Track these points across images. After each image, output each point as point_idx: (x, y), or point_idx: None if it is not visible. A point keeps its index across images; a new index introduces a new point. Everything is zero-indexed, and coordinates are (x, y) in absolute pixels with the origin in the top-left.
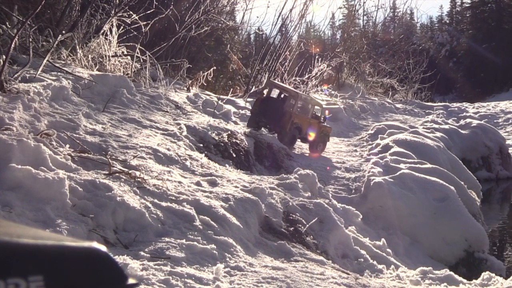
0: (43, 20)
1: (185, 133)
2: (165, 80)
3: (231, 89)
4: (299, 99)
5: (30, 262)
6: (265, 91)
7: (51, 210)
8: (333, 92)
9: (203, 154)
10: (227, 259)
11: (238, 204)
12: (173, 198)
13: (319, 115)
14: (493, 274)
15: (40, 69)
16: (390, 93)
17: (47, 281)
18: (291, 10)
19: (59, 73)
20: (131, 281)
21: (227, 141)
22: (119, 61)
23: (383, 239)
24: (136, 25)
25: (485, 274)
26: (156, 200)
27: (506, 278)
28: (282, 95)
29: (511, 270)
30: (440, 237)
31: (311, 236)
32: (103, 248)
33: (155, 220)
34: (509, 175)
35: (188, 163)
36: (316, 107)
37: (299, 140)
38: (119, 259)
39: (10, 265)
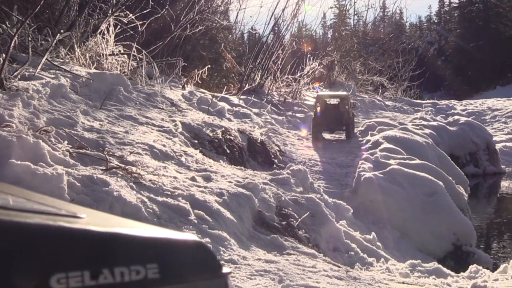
0: (42, 19)
1: (180, 129)
2: (161, 78)
3: (225, 87)
4: (347, 99)
5: (147, 252)
6: (318, 105)
7: None
8: (324, 90)
9: (198, 150)
10: (221, 252)
11: (232, 199)
12: (169, 193)
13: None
14: (480, 267)
15: (39, 67)
16: (380, 91)
17: (161, 268)
18: (283, 10)
19: (57, 71)
20: (225, 269)
21: (221, 137)
22: (116, 59)
23: (373, 233)
24: (132, 25)
25: (473, 267)
26: (152, 195)
27: (493, 271)
28: (331, 101)
29: (498, 263)
30: (428, 231)
31: (303, 230)
32: (201, 240)
33: (151, 215)
34: (496, 171)
35: (183, 159)
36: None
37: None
38: None
39: (132, 254)
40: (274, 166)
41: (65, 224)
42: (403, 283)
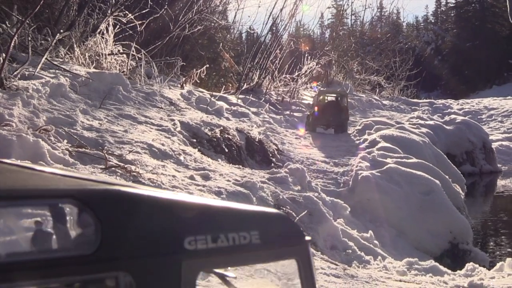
0: (42, 19)
1: (179, 128)
2: (159, 78)
3: (224, 86)
4: (346, 97)
5: (251, 222)
6: (320, 98)
7: None
8: (322, 89)
9: (196, 149)
10: None
11: (230, 197)
12: None
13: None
14: (477, 265)
15: (39, 67)
16: (377, 90)
17: (261, 235)
18: (281, 10)
19: (57, 71)
20: (307, 237)
21: (219, 136)
22: (115, 59)
23: (370, 231)
24: (131, 25)
25: (469, 265)
26: None
27: (489, 269)
28: (329, 98)
29: (494, 261)
30: (425, 229)
31: None
32: (287, 215)
33: None
34: (492, 169)
35: (182, 157)
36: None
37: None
38: None
39: (240, 224)
40: (272, 165)
41: (193, 200)
42: (400, 281)
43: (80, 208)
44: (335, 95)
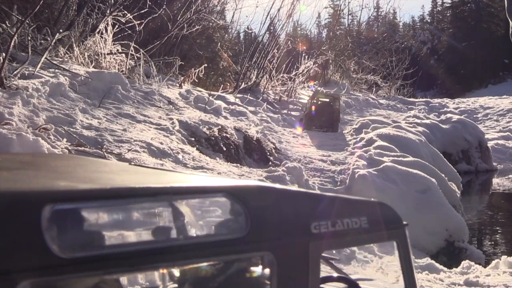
0: (42, 19)
1: (177, 127)
2: (158, 77)
3: (222, 86)
4: (339, 99)
5: (360, 209)
6: (315, 99)
7: None
8: (319, 88)
9: (195, 148)
10: None
11: None
12: None
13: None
14: (473, 263)
15: (39, 66)
16: (374, 89)
17: (368, 220)
18: (279, 10)
19: (56, 70)
20: (405, 222)
21: (217, 135)
22: (114, 58)
23: None
24: (130, 24)
25: (465, 263)
26: None
27: (485, 267)
28: (322, 100)
29: (490, 259)
30: (421, 227)
31: None
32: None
33: None
34: (488, 168)
35: (180, 156)
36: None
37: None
38: None
39: (352, 211)
40: (270, 163)
41: (315, 192)
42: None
43: (232, 200)
44: (328, 99)
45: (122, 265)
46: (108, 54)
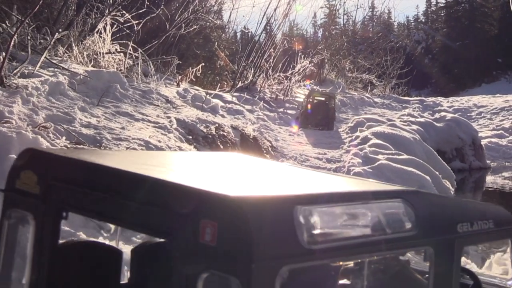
0: (41, 19)
1: (175, 125)
2: (156, 76)
3: (219, 84)
4: (334, 98)
5: (485, 213)
6: (310, 98)
7: None
8: (315, 87)
9: (192, 146)
10: None
11: None
12: None
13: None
14: (469, 261)
15: (38, 65)
16: (369, 88)
17: (494, 222)
18: (275, 10)
19: (56, 69)
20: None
21: (214, 133)
22: (112, 57)
23: None
24: (128, 24)
25: None
26: None
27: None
28: (318, 98)
29: (483, 257)
30: None
31: None
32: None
33: None
34: (481, 166)
35: None
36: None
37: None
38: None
39: (484, 215)
40: None
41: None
42: None
43: (406, 204)
44: (323, 98)
45: (351, 254)
46: (106, 53)
